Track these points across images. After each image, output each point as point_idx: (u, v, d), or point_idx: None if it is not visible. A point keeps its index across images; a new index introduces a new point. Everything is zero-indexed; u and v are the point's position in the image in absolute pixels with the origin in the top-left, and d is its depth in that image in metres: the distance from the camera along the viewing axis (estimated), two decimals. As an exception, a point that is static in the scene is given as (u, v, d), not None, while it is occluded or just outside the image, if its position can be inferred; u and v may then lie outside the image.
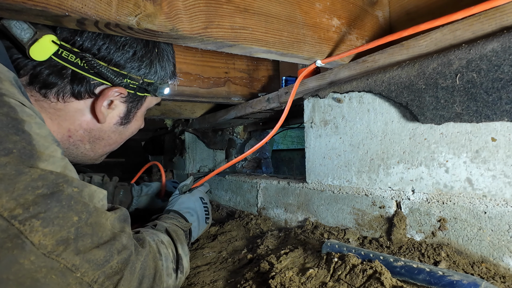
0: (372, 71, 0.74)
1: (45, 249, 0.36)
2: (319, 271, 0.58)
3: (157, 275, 0.52)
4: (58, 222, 0.37)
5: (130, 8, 0.53)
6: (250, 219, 1.11)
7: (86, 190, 0.43)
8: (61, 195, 0.39)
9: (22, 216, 0.35)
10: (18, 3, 0.45)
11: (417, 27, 0.61)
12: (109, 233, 0.43)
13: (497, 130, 0.53)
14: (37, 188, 0.37)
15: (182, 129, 1.89)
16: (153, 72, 0.66)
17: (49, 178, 0.38)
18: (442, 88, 0.59)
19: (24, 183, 0.36)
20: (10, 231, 0.34)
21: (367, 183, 0.76)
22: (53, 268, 0.36)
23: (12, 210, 0.34)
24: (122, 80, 0.61)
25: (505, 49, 0.50)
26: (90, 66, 0.57)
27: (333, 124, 0.84)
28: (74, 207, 0.40)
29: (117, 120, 0.66)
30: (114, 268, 0.42)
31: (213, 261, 0.86)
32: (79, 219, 0.40)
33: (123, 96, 0.64)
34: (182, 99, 1.20)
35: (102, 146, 0.67)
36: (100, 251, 0.41)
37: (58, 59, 0.55)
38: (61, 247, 0.37)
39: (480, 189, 0.56)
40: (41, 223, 0.36)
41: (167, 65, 0.70)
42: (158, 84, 0.68)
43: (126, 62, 0.61)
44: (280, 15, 0.73)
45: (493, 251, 0.54)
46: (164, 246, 0.61)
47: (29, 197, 0.36)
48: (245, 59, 1.35)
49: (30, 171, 0.37)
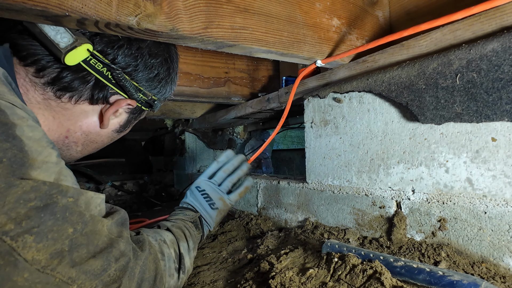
0: (372, 71, 0.74)
1: (39, 265, 0.34)
2: (319, 271, 0.58)
3: (157, 277, 0.51)
4: (52, 236, 0.36)
5: (130, 8, 0.53)
6: (250, 219, 1.11)
7: (82, 198, 0.41)
8: (55, 207, 0.37)
9: (14, 231, 0.33)
10: (18, 3, 0.45)
11: (417, 27, 0.61)
12: (105, 240, 0.42)
13: (497, 130, 0.53)
14: (30, 201, 0.35)
15: (182, 129, 1.89)
16: (163, 92, 0.70)
17: (42, 189, 0.36)
18: (442, 88, 0.59)
19: (15, 196, 0.34)
20: (2, 248, 0.32)
21: (367, 183, 0.76)
22: (48, 283, 0.35)
23: (3, 225, 0.33)
24: (138, 95, 0.64)
25: (505, 49, 0.50)
26: (116, 78, 0.59)
27: (333, 124, 0.84)
28: (69, 219, 0.38)
29: (117, 127, 0.68)
30: (112, 276, 0.41)
31: (213, 261, 0.86)
32: (74, 230, 0.38)
33: (130, 108, 0.66)
34: (182, 99, 1.20)
35: (91, 149, 0.69)
36: (97, 260, 0.40)
37: (86, 65, 0.56)
38: (56, 260, 0.36)
39: (480, 189, 0.56)
40: (35, 239, 0.34)
41: (174, 87, 0.74)
42: (162, 100, 0.71)
43: (147, 80, 0.64)
44: (280, 15, 0.73)
45: (493, 251, 0.54)
46: (167, 246, 0.61)
47: (21, 211, 0.34)
48: (245, 59, 1.35)
49: (21, 183, 0.35)
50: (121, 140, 0.80)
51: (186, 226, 0.72)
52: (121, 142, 2.85)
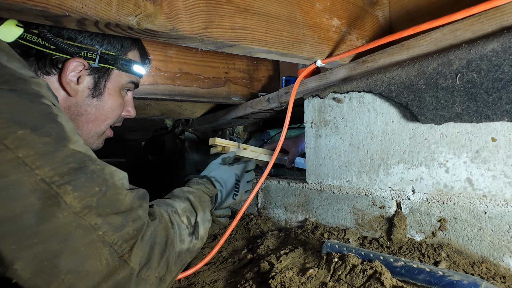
0: (372, 71, 0.74)
1: (74, 209, 0.45)
2: (319, 271, 0.58)
3: (168, 241, 0.59)
4: (84, 189, 0.47)
5: (130, 8, 0.53)
6: (250, 219, 1.11)
7: (107, 168, 0.52)
8: (86, 169, 0.48)
9: (59, 182, 0.45)
10: (18, 3, 0.45)
11: (417, 27, 0.61)
12: (127, 206, 0.52)
13: (497, 130, 0.53)
14: (69, 163, 0.47)
15: (182, 129, 1.89)
16: (107, 42, 0.71)
17: (78, 155, 0.48)
18: (442, 88, 0.59)
19: (60, 158, 0.46)
20: (50, 192, 0.44)
21: (367, 183, 0.76)
22: (80, 224, 0.45)
23: (52, 177, 0.44)
24: (78, 51, 0.67)
25: (505, 49, 0.50)
26: (48, 41, 0.64)
27: (333, 124, 0.84)
28: (95, 180, 0.49)
29: (88, 92, 0.71)
30: (130, 233, 0.50)
31: (213, 261, 0.86)
32: (99, 190, 0.48)
33: (87, 69, 0.69)
34: (182, 99, 1.20)
35: (84, 123, 0.72)
36: (118, 217, 0.49)
37: (24, 42, 0.63)
38: (86, 210, 0.46)
39: (480, 189, 0.56)
40: (72, 188, 0.45)
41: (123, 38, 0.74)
42: (119, 56, 0.73)
43: (76, 34, 0.67)
44: (280, 15, 0.73)
45: (493, 251, 0.54)
46: (177, 215, 0.67)
47: (63, 169, 0.46)
48: (245, 59, 1.35)
49: (64, 149, 0.47)
50: (121, 140, 0.80)
51: (205, 200, 0.80)
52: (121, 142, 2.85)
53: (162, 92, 1.15)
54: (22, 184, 0.42)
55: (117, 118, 0.78)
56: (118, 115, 0.77)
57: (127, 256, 0.49)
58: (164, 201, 0.71)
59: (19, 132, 0.44)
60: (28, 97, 0.47)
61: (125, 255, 0.49)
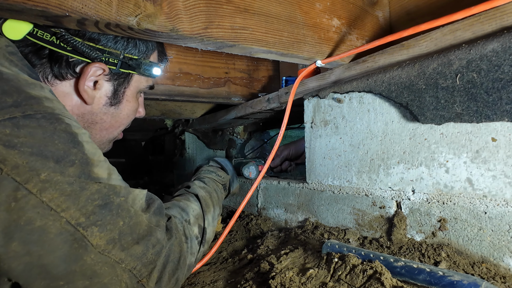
0: (372, 71, 0.74)
1: (100, 248, 0.45)
2: (319, 271, 0.58)
3: (181, 258, 0.59)
4: (110, 227, 0.47)
5: (130, 9, 0.53)
6: (250, 219, 1.11)
7: (130, 196, 0.52)
8: (112, 205, 0.48)
9: (84, 223, 0.44)
10: (18, 3, 0.45)
11: (417, 27, 0.61)
12: (145, 228, 0.52)
13: (497, 130, 0.53)
14: (95, 200, 0.46)
15: (182, 129, 1.89)
16: (132, 45, 0.64)
17: (103, 191, 0.47)
18: (442, 88, 0.59)
19: (85, 197, 0.45)
20: (76, 235, 0.44)
21: (367, 183, 0.76)
22: (106, 262, 0.46)
23: (78, 218, 0.44)
24: (100, 55, 0.60)
25: (505, 49, 0.50)
26: (65, 42, 0.56)
27: (333, 124, 0.84)
28: (120, 214, 0.49)
29: (106, 100, 0.65)
30: (149, 258, 0.51)
31: (213, 261, 0.86)
32: (123, 223, 0.49)
33: (106, 74, 0.62)
34: (182, 99, 1.20)
35: (98, 131, 0.67)
36: (139, 246, 0.50)
37: (34, 39, 0.55)
38: (110, 245, 0.46)
39: (481, 189, 0.56)
40: (98, 229, 0.45)
41: (148, 39, 0.67)
42: (142, 60, 0.66)
43: (99, 36, 0.60)
44: (280, 15, 0.73)
45: (493, 251, 0.54)
46: (190, 226, 0.66)
47: (89, 208, 0.45)
48: (245, 59, 1.35)
49: (89, 186, 0.46)
50: (121, 140, 0.79)
51: (216, 190, 0.80)
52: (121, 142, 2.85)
53: (162, 92, 1.15)
54: (48, 230, 0.42)
55: (130, 123, 0.74)
56: (132, 119, 0.73)
57: (145, 280, 0.50)
58: (179, 204, 0.69)
59: (43, 175, 0.42)
60: (45, 121, 0.44)
61: (143, 279, 0.50)
